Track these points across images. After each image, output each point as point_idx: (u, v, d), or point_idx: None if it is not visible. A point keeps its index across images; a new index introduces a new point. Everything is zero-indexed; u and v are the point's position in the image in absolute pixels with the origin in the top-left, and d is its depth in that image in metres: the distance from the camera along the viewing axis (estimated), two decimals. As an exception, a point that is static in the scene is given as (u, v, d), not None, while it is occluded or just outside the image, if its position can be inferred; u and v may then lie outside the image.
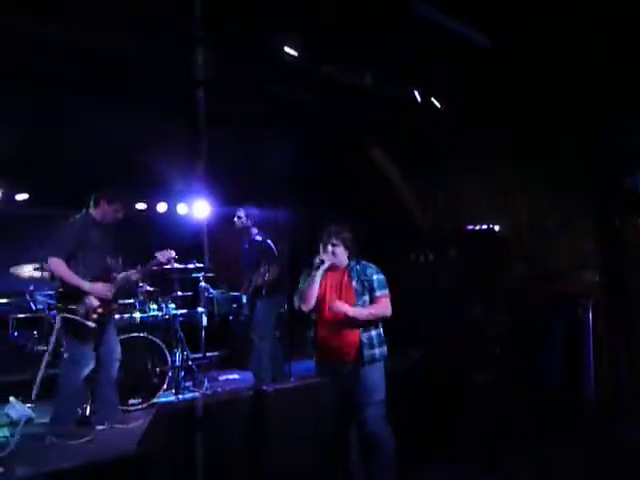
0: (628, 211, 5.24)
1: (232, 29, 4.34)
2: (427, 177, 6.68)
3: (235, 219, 5.10)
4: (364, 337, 3.21)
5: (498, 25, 4.50)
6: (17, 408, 4.16)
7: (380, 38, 4.78)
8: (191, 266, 5.41)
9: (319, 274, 3.23)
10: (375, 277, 3.27)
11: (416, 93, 6.15)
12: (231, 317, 6.70)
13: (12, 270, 5.12)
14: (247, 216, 5.05)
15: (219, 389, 5.13)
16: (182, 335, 5.28)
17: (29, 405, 4.29)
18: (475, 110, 5.91)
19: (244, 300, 5.73)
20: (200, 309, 5.39)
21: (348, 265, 3.33)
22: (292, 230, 6.51)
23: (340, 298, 3.22)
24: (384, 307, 3.26)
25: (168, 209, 7.13)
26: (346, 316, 3.18)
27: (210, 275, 5.72)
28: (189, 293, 5.65)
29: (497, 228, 6.35)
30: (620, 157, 5.22)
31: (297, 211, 6.50)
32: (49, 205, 6.14)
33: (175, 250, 5.78)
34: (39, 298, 5.35)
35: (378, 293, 3.25)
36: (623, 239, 5.24)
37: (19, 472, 3.04)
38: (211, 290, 5.74)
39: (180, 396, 4.83)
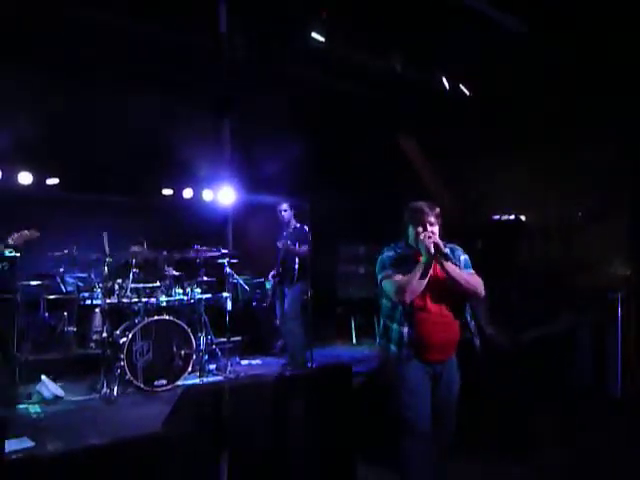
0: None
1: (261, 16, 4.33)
2: (455, 167, 6.58)
3: (281, 212, 5.38)
4: (463, 333, 2.85)
5: (533, 11, 4.37)
6: (48, 386, 4.29)
7: (410, 24, 4.71)
8: (216, 252, 5.45)
9: (430, 263, 2.71)
10: (462, 257, 2.90)
11: (444, 80, 6.05)
12: (254, 303, 6.76)
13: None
14: (291, 207, 5.35)
15: (242, 373, 5.19)
16: (206, 319, 5.36)
17: (59, 384, 4.43)
18: (505, 98, 5.78)
19: (268, 286, 5.81)
20: (225, 294, 5.44)
21: None
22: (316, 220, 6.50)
23: (438, 287, 2.79)
24: (477, 280, 2.83)
25: (194, 195, 7.21)
26: (447, 304, 2.80)
27: (235, 261, 5.76)
28: (213, 279, 5.70)
29: (523, 218, 6.23)
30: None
31: (322, 201, 6.48)
32: (79, 190, 6.28)
33: (200, 236, 5.87)
34: (69, 280, 5.49)
35: (466, 271, 2.86)
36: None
37: (50, 447, 3.14)
38: (235, 276, 5.79)
39: (204, 379, 4.91)
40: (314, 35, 4.84)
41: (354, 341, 6.96)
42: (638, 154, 5.18)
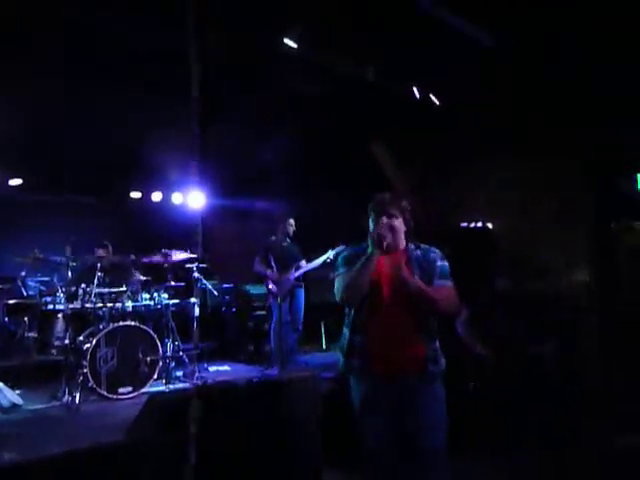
0: (624, 214, 5.27)
1: (235, 18, 4.32)
2: (424, 174, 6.68)
3: (289, 227, 5.65)
4: (429, 347, 2.44)
5: (502, 25, 4.50)
6: (6, 394, 4.13)
7: (382, 33, 4.77)
8: (184, 256, 5.38)
9: (374, 255, 2.41)
10: (439, 264, 2.52)
11: (415, 90, 6.15)
12: (223, 308, 6.70)
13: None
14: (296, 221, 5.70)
15: (210, 380, 5.11)
16: (173, 325, 5.26)
17: (17, 391, 4.27)
18: (473, 109, 5.91)
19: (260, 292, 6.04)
20: (192, 299, 5.36)
21: (407, 248, 2.57)
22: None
23: (396, 290, 2.44)
24: (452, 296, 2.48)
25: (163, 198, 7.11)
26: (408, 311, 2.42)
27: (203, 266, 5.70)
28: (182, 284, 5.62)
29: (490, 226, 6.36)
30: (617, 159, 5.24)
31: (296, 203, 6.49)
32: (44, 191, 6.11)
33: (169, 240, 5.79)
34: (30, 284, 5.32)
35: (440, 282, 2.48)
36: (618, 242, 5.27)
37: (6, 457, 3.01)
38: (204, 281, 5.72)
39: (170, 386, 4.82)
40: (287, 41, 4.86)
41: (323, 346, 6.96)
42: (601, 164, 5.37)
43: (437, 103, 6.32)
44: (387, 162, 6.71)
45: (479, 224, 6.20)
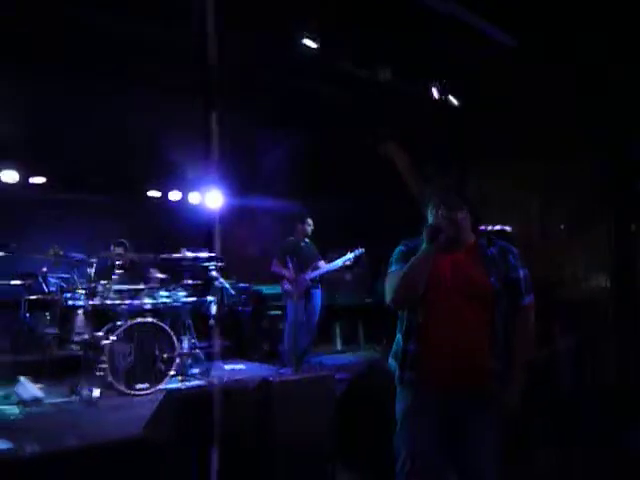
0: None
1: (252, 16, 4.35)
2: (443, 176, 6.65)
3: (307, 227, 5.67)
4: (496, 363, 2.07)
5: (522, 24, 4.46)
6: (27, 388, 4.22)
7: (399, 34, 4.77)
8: (202, 255, 5.43)
9: (430, 251, 2.06)
10: (522, 274, 2.13)
11: (434, 90, 6.13)
12: (239, 308, 6.74)
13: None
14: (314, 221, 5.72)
15: (225, 378, 5.15)
16: (190, 323, 5.32)
17: (39, 385, 4.36)
18: (493, 109, 5.87)
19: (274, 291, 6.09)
20: (209, 298, 5.42)
21: (476, 243, 2.19)
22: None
23: (460, 292, 2.09)
24: (531, 325, 2.15)
25: (181, 198, 7.19)
26: (475, 320, 2.05)
27: (220, 265, 5.74)
28: (199, 282, 5.67)
29: (509, 229, 6.30)
30: (637, 162, 5.16)
31: (312, 204, 6.50)
32: (64, 190, 6.22)
33: (186, 238, 5.85)
34: (51, 280, 5.41)
35: (526, 299, 2.13)
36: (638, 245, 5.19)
37: (28, 449, 3.08)
38: (221, 280, 5.76)
39: (187, 383, 4.87)
40: (306, 42, 4.88)
41: (338, 347, 6.97)
42: (621, 167, 5.29)
43: (455, 103, 6.29)
44: (403, 163, 6.69)
45: (497, 227, 6.15)
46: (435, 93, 6.12)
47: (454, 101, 6.29)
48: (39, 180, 6.11)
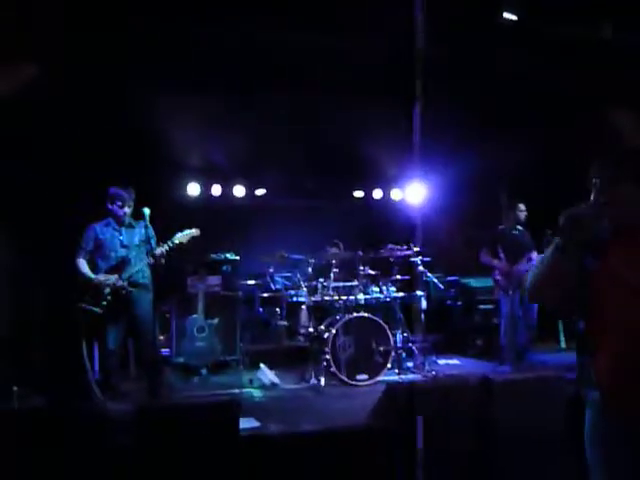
0: None
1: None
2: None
3: (519, 214, 5.36)
4: None
5: None
6: (267, 374, 4.83)
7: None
8: (408, 250, 5.50)
9: (559, 257, 1.59)
10: None
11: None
12: (448, 302, 6.63)
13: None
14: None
15: (440, 373, 5.13)
16: (402, 317, 5.43)
17: (274, 372, 4.95)
18: None
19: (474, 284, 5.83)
20: (419, 292, 5.46)
21: None
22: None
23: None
24: None
25: (383, 195, 7.39)
26: None
27: (427, 259, 5.74)
28: (407, 277, 5.75)
29: None
30: None
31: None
32: (282, 198, 6.96)
33: (392, 235, 5.98)
34: (277, 279, 6.10)
35: None
36: None
37: (273, 428, 3.52)
38: (428, 274, 5.75)
39: (403, 376, 4.98)
40: (506, 15, 4.56)
41: (562, 345, 6.33)
42: None
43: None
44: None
45: None
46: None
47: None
48: (263, 191, 6.93)
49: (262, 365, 4.95)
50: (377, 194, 7.39)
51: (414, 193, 6.86)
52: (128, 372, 5.06)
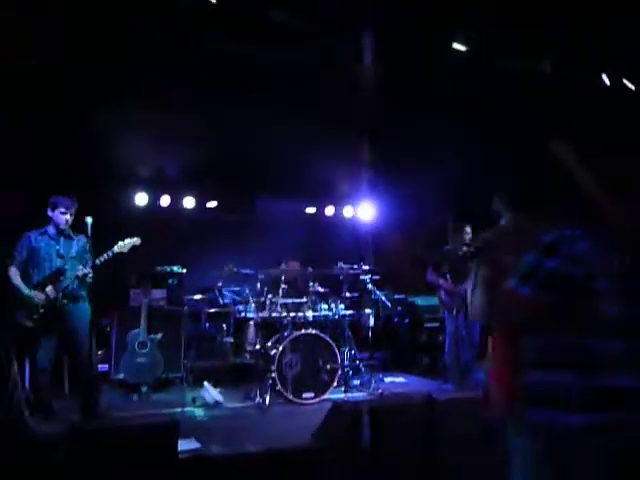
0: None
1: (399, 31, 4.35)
2: (621, 169, 5.87)
3: (464, 235, 5.28)
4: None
5: None
6: (210, 392, 4.69)
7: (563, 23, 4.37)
8: (358, 268, 5.53)
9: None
10: None
11: (604, 77, 5.48)
12: (396, 319, 6.71)
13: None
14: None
15: (386, 391, 5.15)
16: (350, 335, 5.43)
17: (219, 390, 4.82)
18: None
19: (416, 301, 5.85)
20: (367, 310, 5.49)
21: None
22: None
23: None
24: None
25: (335, 212, 7.44)
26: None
27: (376, 277, 5.79)
28: (356, 295, 5.78)
29: None
30: None
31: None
32: (232, 211, 6.87)
33: (341, 252, 6.02)
34: (226, 293, 5.98)
35: None
36: None
37: (214, 449, 3.40)
38: (377, 292, 5.80)
39: (349, 394, 4.97)
40: (455, 46, 4.73)
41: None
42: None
43: (632, 88, 5.54)
44: (573, 162, 6.04)
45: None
46: (606, 79, 5.47)
47: (630, 86, 5.55)
48: (214, 204, 6.81)
49: (206, 383, 4.80)
50: (329, 211, 7.43)
51: (365, 211, 6.95)
52: (62, 389, 4.80)
